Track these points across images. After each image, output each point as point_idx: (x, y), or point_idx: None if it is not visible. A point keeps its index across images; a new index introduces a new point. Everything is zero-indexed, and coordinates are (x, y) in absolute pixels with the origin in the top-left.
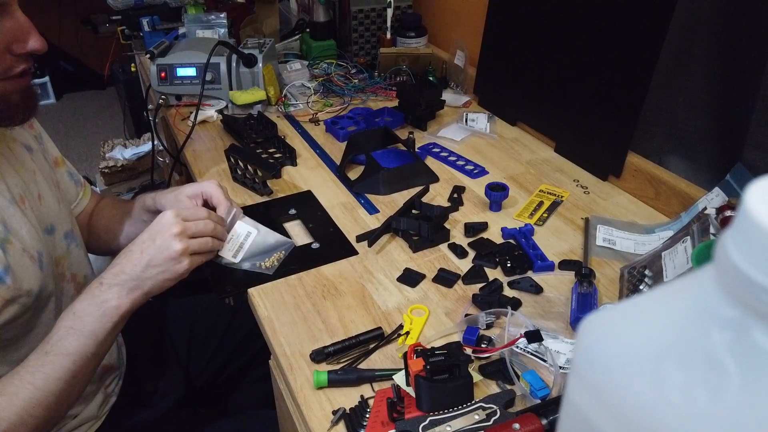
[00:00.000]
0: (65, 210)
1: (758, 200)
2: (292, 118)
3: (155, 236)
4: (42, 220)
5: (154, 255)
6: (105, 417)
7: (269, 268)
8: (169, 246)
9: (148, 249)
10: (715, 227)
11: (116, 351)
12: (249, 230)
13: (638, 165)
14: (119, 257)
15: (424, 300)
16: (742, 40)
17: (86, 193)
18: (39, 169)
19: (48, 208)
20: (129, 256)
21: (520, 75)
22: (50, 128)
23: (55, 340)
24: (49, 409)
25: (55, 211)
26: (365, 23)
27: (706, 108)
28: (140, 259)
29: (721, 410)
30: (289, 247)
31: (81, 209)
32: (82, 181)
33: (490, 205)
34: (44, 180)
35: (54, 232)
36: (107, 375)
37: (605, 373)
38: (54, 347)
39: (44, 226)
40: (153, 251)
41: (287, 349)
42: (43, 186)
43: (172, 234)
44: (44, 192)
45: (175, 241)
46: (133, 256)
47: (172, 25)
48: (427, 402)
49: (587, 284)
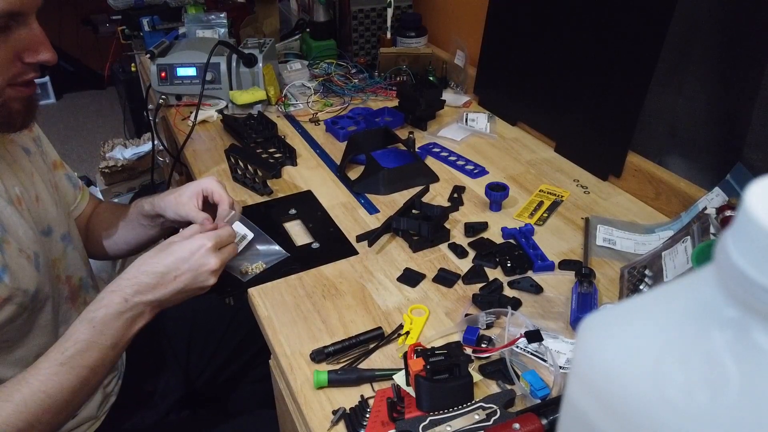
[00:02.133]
0: (63, 212)
1: (758, 200)
2: (292, 118)
3: (195, 267)
4: (39, 222)
5: (189, 283)
6: (104, 417)
7: (245, 275)
8: (206, 280)
9: (183, 277)
10: (716, 227)
11: None
12: (245, 233)
13: (638, 165)
14: (145, 271)
15: (424, 300)
16: (742, 40)
17: (84, 196)
18: (37, 171)
19: (45, 210)
20: (160, 278)
21: (520, 75)
22: (50, 128)
23: (73, 352)
24: (59, 415)
25: (53, 213)
26: (365, 23)
27: (706, 108)
28: (173, 284)
29: (721, 410)
30: (277, 259)
31: (79, 212)
32: (80, 185)
33: (490, 205)
34: (42, 182)
35: (51, 233)
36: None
37: (605, 373)
38: (73, 359)
39: (41, 228)
40: (189, 281)
41: (287, 349)
42: (41, 188)
43: (211, 269)
44: (42, 194)
45: (212, 277)
46: (165, 279)
47: (172, 24)
48: (427, 402)
49: (587, 284)
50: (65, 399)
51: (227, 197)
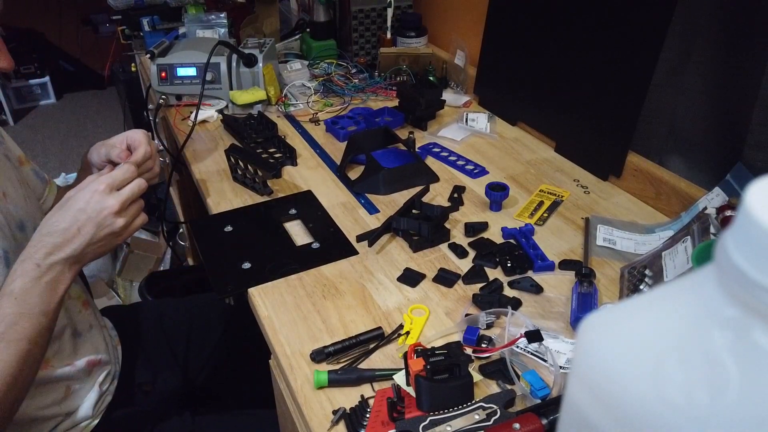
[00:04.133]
0: (33, 205)
1: (758, 200)
2: (293, 117)
3: (94, 216)
4: (9, 218)
5: (94, 233)
6: (101, 416)
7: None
8: (111, 224)
9: (87, 227)
10: (716, 227)
11: (104, 345)
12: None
13: (638, 165)
14: (50, 233)
15: (424, 300)
16: (742, 40)
17: (52, 189)
18: (0, 168)
19: (15, 205)
20: (64, 234)
21: (520, 75)
22: (50, 128)
23: (4, 329)
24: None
25: (23, 208)
26: (365, 23)
27: (706, 108)
28: (78, 237)
29: (721, 410)
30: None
31: (49, 204)
32: (47, 178)
33: (491, 204)
34: (7, 179)
35: (24, 228)
36: (97, 370)
37: (605, 373)
38: (6, 335)
39: (14, 223)
40: (93, 230)
41: (287, 348)
42: (7, 184)
43: (112, 212)
44: (8, 190)
45: (117, 219)
46: (68, 233)
47: (173, 24)
48: (427, 402)
49: (587, 284)
50: (12, 374)
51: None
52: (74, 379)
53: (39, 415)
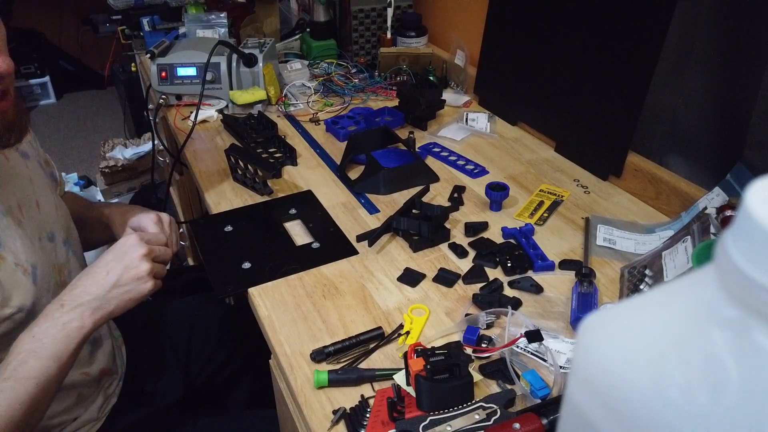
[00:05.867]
0: (63, 214)
1: (758, 200)
2: (293, 117)
3: (122, 257)
4: (42, 229)
5: (121, 275)
6: (105, 418)
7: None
8: (137, 266)
9: (115, 269)
10: (716, 227)
11: (114, 355)
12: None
13: (638, 165)
14: (80, 279)
15: (424, 300)
16: (742, 41)
17: (62, 190)
18: (35, 176)
19: (47, 215)
20: (92, 277)
21: (520, 75)
22: (50, 128)
23: (15, 365)
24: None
25: (53, 218)
26: (365, 23)
27: (706, 108)
28: (105, 279)
29: (721, 410)
30: None
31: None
32: (59, 179)
33: (491, 204)
34: (41, 186)
35: (54, 239)
36: (106, 379)
37: (605, 373)
38: (15, 372)
39: (45, 234)
40: (120, 271)
41: (287, 348)
42: (40, 193)
43: (140, 255)
44: (42, 199)
45: (143, 262)
46: (97, 276)
47: (173, 24)
48: (427, 402)
49: (587, 284)
50: (12, 416)
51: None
52: (86, 386)
53: (49, 423)
